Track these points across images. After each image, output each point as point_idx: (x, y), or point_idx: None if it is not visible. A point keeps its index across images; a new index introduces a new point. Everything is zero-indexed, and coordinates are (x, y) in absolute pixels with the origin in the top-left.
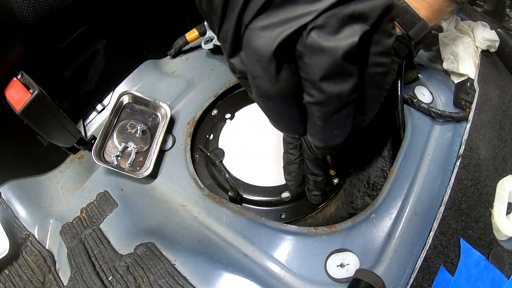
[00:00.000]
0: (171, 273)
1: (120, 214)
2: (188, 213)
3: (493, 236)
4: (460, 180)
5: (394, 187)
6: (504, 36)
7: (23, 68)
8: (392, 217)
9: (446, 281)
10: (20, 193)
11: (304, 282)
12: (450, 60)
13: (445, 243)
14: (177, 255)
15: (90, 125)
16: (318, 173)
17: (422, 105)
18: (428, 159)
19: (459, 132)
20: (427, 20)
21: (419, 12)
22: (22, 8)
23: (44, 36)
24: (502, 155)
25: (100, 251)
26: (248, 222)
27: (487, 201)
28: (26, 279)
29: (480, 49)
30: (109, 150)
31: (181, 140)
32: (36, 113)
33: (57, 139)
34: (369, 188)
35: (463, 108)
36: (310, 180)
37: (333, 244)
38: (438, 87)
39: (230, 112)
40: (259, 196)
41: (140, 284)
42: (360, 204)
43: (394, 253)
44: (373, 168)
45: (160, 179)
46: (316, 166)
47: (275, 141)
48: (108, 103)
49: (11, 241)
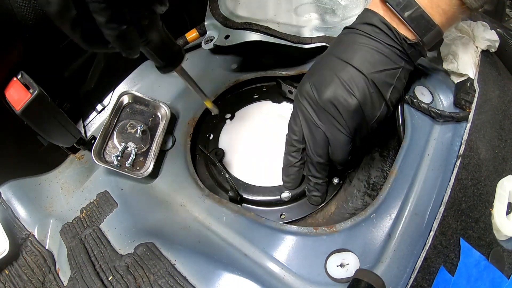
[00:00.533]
0: (171, 273)
1: (120, 214)
2: (188, 213)
3: (493, 236)
4: (460, 180)
5: (394, 187)
6: (504, 36)
7: (23, 68)
8: (392, 217)
9: (446, 281)
10: (20, 193)
11: (304, 282)
12: (450, 60)
13: (445, 243)
14: (177, 255)
15: (90, 125)
16: (320, 177)
17: (422, 105)
18: (428, 159)
19: (459, 132)
20: (441, 27)
21: (434, 18)
22: (22, 8)
23: (44, 36)
24: (502, 155)
25: (100, 251)
26: (248, 222)
27: (487, 201)
28: (26, 279)
29: (480, 49)
30: (109, 150)
31: (181, 140)
32: (36, 113)
33: (57, 139)
34: (369, 188)
35: (463, 108)
36: (311, 181)
37: (333, 244)
38: (438, 87)
39: (230, 112)
40: (259, 196)
41: (140, 284)
42: (360, 204)
43: (394, 253)
44: (373, 168)
45: (160, 179)
46: (319, 170)
47: (275, 141)
48: (108, 103)
49: (11, 241)
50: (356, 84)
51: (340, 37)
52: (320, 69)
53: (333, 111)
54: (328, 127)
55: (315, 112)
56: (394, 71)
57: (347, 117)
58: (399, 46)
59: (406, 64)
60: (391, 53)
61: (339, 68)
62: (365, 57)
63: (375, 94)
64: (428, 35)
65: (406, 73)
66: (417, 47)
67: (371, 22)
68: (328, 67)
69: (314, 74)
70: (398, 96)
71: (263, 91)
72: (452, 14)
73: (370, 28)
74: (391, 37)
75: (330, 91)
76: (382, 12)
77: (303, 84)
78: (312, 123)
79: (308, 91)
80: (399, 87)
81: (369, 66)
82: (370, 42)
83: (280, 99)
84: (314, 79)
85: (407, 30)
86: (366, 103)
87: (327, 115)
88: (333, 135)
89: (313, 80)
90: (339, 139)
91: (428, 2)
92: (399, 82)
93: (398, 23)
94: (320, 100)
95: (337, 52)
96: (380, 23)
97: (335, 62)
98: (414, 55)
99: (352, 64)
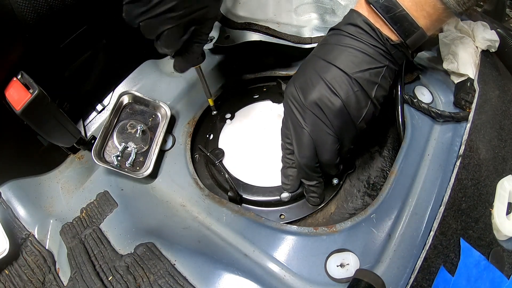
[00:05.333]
0: (171, 273)
1: (120, 214)
2: (188, 213)
3: (493, 236)
4: (460, 180)
5: (394, 187)
6: (504, 36)
7: (23, 68)
8: (392, 217)
9: (446, 281)
10: (20, 193)
11: (304, 282)
12: (450, 60)
13: (445, 243)
14: (177, 255)
15: (90, 125)
16: (312, 179)
17: (422, 105)
18: (428, 159)
19: (459, 132)
20: (426, 29)
21: (418, 21)
22: (22, 8)
23: (44, 36)
24: (502, 155)
25: (100, 251)
26: (248, 222)
27: (487, 201)
28: (26, 279)
29: (480, 49)
30: (109, 150)
31: (181, 140)
32: (36, 113)
33: (57, 139)
34: (369, 188)
35: (463, 108)
36: (305, 184)
37: (333, 244)
38: (438, 87)
39: (230, 112)
40: (259, 196)
41: (140, 284)
42: (360, 204)
43: (394, 253)
44: (373, 168)
45: (160, 179)
46: (309, 173)
47: (275, 141)
48: (108, 103)
49: (11, 241)
50: (340, 84)
51: (326, 39)
52: (304, 71)
53: (318, 112)
54: (314, 128)
55: (300, 114)
56: (378, 69)
57: (332, 117)
58: (382, 46)
59: (391, 64)
60: (375, 53)
61: (323, 69)
62: (348, 57)
63: (360, 93)
64: (412, 37)
65: (391, 72)
66: (400, 48)
67: (355, 23)
68: (313, 69)
69: (299, 76)
70: (384, 94)
71: (263, 91)
72: (436, 17)
73: (354, 29)
74: (374, 37)
75: (315, 93)
76: (367, 13)
77: (288, 86)
78: (298, 125)
79: (293, 93)
80: (384, 86)
81: (353, 66)
82: (353, 42)
83: (280, 99)
84: (298, 81)
85: (390, 31)
86: (350, 102)
87: (312, 116)
88: (318, 136)
89: (298, 82)
90: (325, 139)
91: (413, 5)
92: (384, 80)
93: (382, 24)
94: (305, 102)
95: (322, 54)
96: (363, 23)
97: (319, 63)
98: (398, 56)
99: (336, 65)
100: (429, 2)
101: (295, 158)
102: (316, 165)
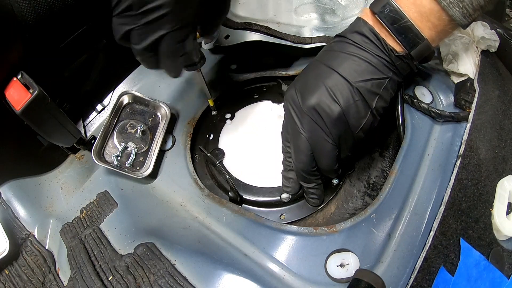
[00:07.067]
0: (171, 273)
1: (120, 214)
2: (188, 213)
3: (493, 236)
4: (460, 180)
5: (394, 187)
6: (504, 36)
7: (23, 68)
8: (392, 217)
9: (446, 281)
10: (20, 193)
11: (304, 282)
12: (450, 60)
13: (445, 243)
14: (177, 255)
15: (90, 125)
16: (310, 182)
17: (422, 105)
18: (428, 159)
19: (459, 132)
20: (431, 41)
21: (423, 32)
22: (22, 8)
23: (44, 36)
24: (502, 155)
25: (100, 251)
26: (248, 222)
27: (487, 201)
28: (26, 279)
29: (480, 49)
30: (109, 150)
31: (181, 140)
32: (36, 113)
33: (57, 139)
34: (369, 188)
35: (463, 108)
36: (304, 187)
37: (333, 244)
38: (438, 87)
39: (230, 112)
40: (259, 197)
41: (140, 284)
42: (360, 204)
43: (394, 253)
44: (373, 168)
45: (160, 179)
46: (306, 177)
47: (276, 142)
48: (108, 103)
49: (11, 241)
50: (341, 91)
51: (330, 45)
52: (306, 75)
53: (317, 117)
54: (311, 134)
55: (298, 119)
56: (381, 81)
57: (331, 124)
58: (387, 57)
59: (394, 75)
60: (379, 63)
61: (325, 75)
62: (352, 66)
63: (360, 103)
64: (416, 49)
65: (393, 84)
66: (405, 59)
67: (361, 32)
68: (314, 74)
69: (300, 80)
70: (385, 106)
71: (263, 91)
72: (442, 28)
73: (360, 38)
74: (380, 47)
75: (314, 97)
76: (372, 23)
77: (289, 89)
78: (296, 130)
79: (293, 96)
80: (385, 97)
81: (355, 75)
82: (358, 51)
83: (280, 99)
84: (299, 85)
85: (394, 41)
86: (350, 111)
87: (310, 122)
88: (316, 142)
89: (298, 86)
90: (324, 146)
91: (418, 16)
92: (385, 92)
93: (387, 35)
94: (304, 106)
95: (325, 59)
96: (369, 33)
97: (322, 69)
98: (402, 67)
99: (339, 72)
100: (434, 13)
101: (292, 162)
102: (313, 169)
